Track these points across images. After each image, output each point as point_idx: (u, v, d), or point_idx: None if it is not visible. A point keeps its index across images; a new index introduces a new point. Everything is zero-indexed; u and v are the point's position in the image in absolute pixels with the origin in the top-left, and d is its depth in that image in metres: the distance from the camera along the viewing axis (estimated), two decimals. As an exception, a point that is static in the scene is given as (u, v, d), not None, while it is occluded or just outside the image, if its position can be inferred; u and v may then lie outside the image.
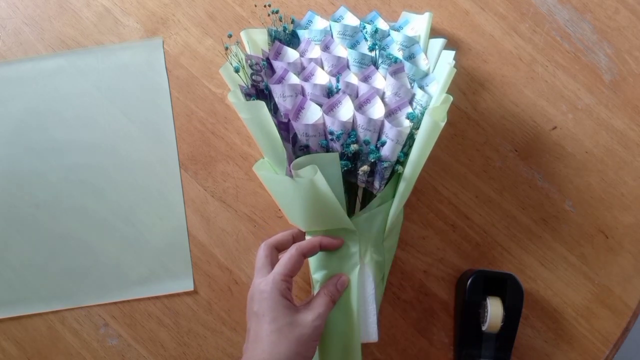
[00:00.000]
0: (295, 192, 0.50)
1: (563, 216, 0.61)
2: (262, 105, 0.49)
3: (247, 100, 0.53)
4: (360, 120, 0.52)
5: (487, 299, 0.55)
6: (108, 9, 0.64)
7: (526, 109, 0.62)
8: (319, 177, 0.48)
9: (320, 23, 0.60)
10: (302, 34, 0.59)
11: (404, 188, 0.52)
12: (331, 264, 0.54)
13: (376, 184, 0.53)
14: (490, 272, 0.57)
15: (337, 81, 0.54)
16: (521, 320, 0.57)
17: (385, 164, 0.52)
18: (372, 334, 0.53)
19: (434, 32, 0.61)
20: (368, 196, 0.55)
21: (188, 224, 0.61)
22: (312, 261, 0.55)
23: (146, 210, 0.61)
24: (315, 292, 0.53)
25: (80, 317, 0.61)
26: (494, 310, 0.54)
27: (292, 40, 0.59)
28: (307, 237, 0.54)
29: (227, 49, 0.55)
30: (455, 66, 0.52)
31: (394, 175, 0.54)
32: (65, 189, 0.62)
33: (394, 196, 0.53)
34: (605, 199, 0.61)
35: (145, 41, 0.64)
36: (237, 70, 0.53)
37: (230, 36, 0.59)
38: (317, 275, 0.54)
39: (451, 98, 0.51)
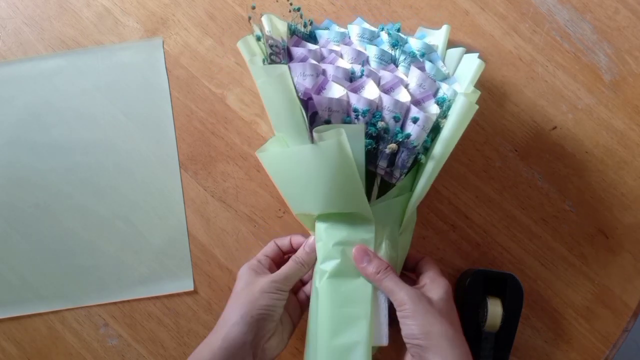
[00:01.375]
0: (315, 162, 0.47)
1: (563, 216, 0.61)
2: (284, 67, 0.47)
3: None
4: (387, 101, 0.49)
5: (487, 298, 0.55)
6: (108, 9, 0.64)
7: (526, 109, 0.62)
8: (344, 140, 0.45)
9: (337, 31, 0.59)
10: (321, 33, 0.58)
11: (432, 168, 0.50)
12: (345, 254, 0.50)
13: (396, 173, 0.51)
14: (490, 272, 0.57)
15: (362, 65, 0.52)
16: (521, 320, 0.57)
17: (414, 144, 0.49)
18: (382, 337, 0.50)
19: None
20: (385, 187, 0.52)
21: (188, 224, 0.61)
22: (321, 250, 0.51)
23: (146, 210, 0.62)
24: (316, 283, 0.51)
25: (80, 317, 0.61)
26: (493, 310, 0.54)
27: (310, 40, 0.58)
28: (317, 224, 0.52)
29: (250, 19, 0.56)
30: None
31: (415, 166, 0.52)
32: (65, 188, 0.62)
33: (411, 189, 0.52)
34: (605, 199, 0.61)
35: (145, 41, 0.64)
36: (259, 39, 0.52)
37: (253, 8, 0.60)
38: (323, 266, 0.50)
39: (479, 92, 0.52)
